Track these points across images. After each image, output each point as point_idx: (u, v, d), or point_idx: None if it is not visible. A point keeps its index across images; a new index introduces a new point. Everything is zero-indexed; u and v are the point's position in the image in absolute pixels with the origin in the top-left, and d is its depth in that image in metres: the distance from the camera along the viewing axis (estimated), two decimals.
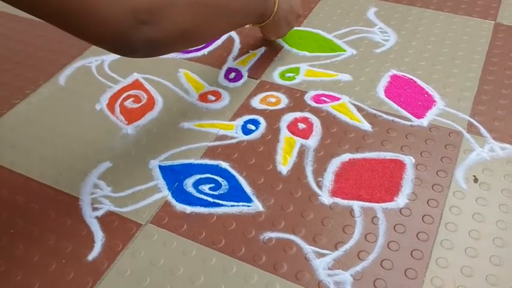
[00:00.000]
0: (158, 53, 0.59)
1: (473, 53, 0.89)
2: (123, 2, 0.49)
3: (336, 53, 0.91)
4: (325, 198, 0.66)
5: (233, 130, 0.77)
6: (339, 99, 0.81)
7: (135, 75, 0.89)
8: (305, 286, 0.57)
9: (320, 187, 0.68)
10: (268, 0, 0.76)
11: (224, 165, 0.71)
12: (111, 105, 0.83)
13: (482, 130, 0.74)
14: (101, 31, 0.49)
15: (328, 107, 0.80)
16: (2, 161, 0.74)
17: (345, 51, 0.92)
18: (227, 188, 0.68)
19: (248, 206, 0.66)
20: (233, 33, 0.98)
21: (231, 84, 0.86)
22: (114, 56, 0.93)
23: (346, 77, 0.86)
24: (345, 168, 0.70)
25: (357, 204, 0.65)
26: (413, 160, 0.70)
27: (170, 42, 0.58)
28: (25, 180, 0.71)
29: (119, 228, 0.64)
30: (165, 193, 0.68)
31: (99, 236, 0.63)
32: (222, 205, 0.66)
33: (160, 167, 0.72)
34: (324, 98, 0.81)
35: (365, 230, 0.62)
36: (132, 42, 0.52)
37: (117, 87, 0.87)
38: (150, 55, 0.58)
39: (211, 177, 0.69)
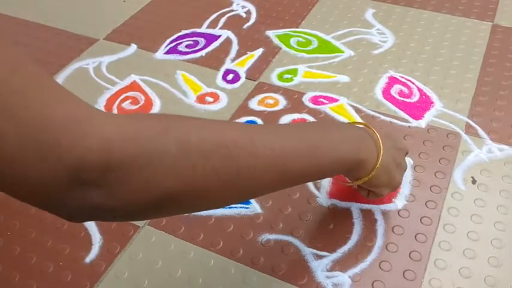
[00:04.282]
0: (122, 220, 0.40)
1: (471, 54, 0.89)
2: (58, 149, 0.31)
3: (334, 54, 0.91)
4: (324, 199, 0.66)
5: None
6: (337, 100, 0.81)
7: (133, 77, 0.88)
8: None
9: (318, 188, 0.67)
10: (364, 149, 0.50)
11: None
12: (108, 107, 0.83)
13: (480, 131, 0.74)
14: (23, 190, 0.34)
15: (326, 108, 0.80)
16: None
17: (343, 52, 0.92)
18: None
19: (246, 207, 0.65)
20: (231, 35, 0.98)
21: (229, 86, 0.85)
22: (111, 58, 0.93)
23: (344, 78, 0.85)
24: None
25: (355, 206, 0.65)
26: (412, 161, 0.70)
27: (137, 210, 0.35)
28: None
29: (117, 230, 0.64)
30: None
31: (96, 238, 0.63)
32: None
33: None
34: (322, 100, 0.81)
35: (363, 231, 0.62)
36: (69, 208, 0.34)
37: (114, 89, 0.86)
38: (110, 220, 0.38)
39: None
